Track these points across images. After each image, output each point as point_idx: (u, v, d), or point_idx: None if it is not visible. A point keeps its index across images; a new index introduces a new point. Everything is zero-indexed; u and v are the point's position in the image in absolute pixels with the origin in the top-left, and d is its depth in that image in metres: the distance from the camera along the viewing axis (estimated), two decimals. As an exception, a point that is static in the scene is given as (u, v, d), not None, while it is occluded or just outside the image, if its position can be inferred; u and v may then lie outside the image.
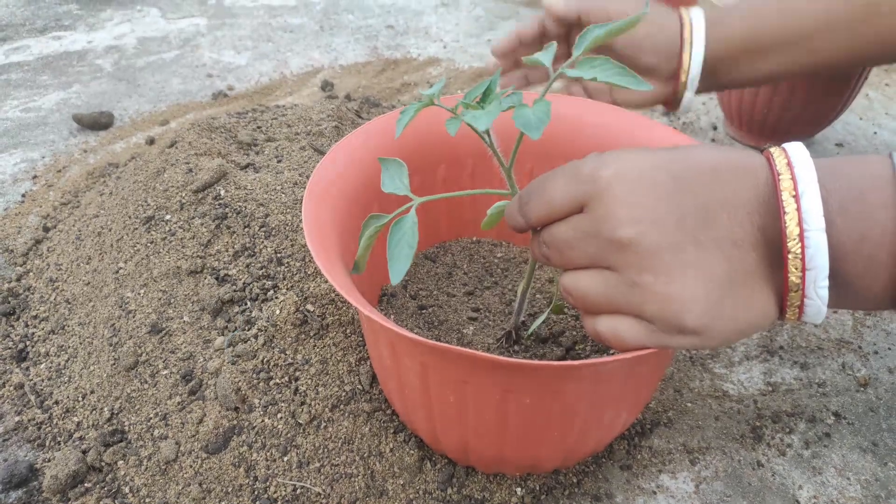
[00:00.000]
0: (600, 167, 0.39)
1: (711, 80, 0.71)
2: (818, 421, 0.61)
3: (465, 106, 0.44)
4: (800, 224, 0.36)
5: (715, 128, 1.09)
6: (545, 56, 0.46)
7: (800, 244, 0.36)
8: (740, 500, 0.55)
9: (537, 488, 0.55)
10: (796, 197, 0.36)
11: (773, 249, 0.38)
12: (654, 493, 0.55)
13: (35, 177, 0.97)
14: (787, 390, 0.64)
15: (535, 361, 0.40)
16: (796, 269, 0.37)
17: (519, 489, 0.54)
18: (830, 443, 0.59)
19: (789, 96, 0.92)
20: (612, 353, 0.50)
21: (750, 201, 0.38)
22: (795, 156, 0.38)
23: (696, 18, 0.68)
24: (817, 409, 0.62)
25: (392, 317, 0.58)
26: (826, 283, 0.36)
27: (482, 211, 0.69)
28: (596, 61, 0.43)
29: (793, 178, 0.37)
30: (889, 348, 0.69)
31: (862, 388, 0.64)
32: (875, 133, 1.07)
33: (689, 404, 0.62)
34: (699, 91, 0.72)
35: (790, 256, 0.36)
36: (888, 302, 0.38)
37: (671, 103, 0.74)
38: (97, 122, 1.10)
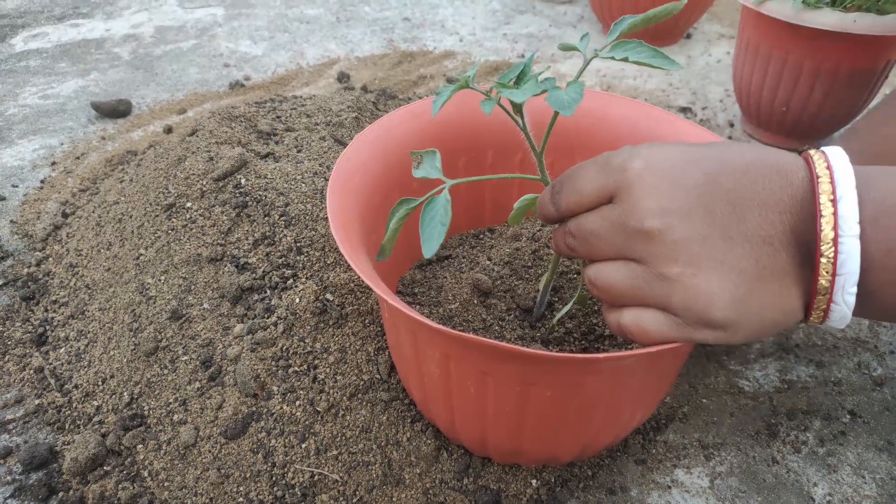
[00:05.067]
0: (631, 158, 0.39)
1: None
2: (833, 419, 0.61)
3: (500, 86, 0.44)
4: (835, 228, 0.36)
5: (732, 125, 1.09)
6: (582, 43, 0.47)
7: (833, 248, 0.36)
8: (755, 496, 0.55)
9: (552, 480, 0.55)
10: (834, 201, 0.36)
11: (803, 251, 0.38)
12: (669, 487, 0.56)
13: (54, 163, 0.98)
14: (803, 388, 0.64)
15: (557, 353, 0.40)
16: (827, 272, 0.37)
17: (534, 481, 0.55)
18: (846, 441, 0.59)
19: (808, 95, 0.92)
20: (633, 347, 0.50)
21: (783, 201, 0.38)
22: (836, 160, 0.37)
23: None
24: (833, 407, 0.62)
25: (417, 308, 0.59)
26: (854, 289, 0.36)
27: (501, 203, 0.69)
28: (629, 44, 0.44)
29: (832, 182, 0.36)
30: (906, 348, 0.69)
31: (878, 388, 0.64)
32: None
33: (704, 400, 0.63)
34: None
35: (823, 260, 0.36)
36: None
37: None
38: (115, 110, 1.10)
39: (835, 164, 0.37)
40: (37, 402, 0.62)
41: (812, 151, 0.39)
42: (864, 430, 0.60)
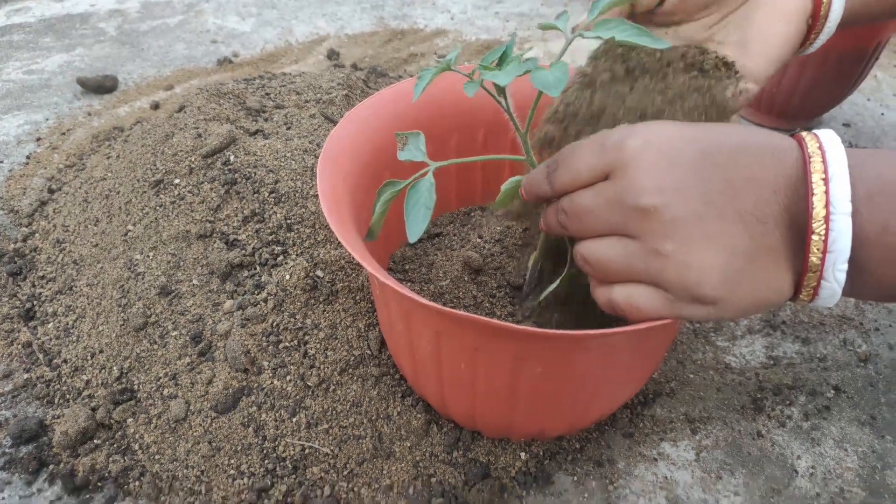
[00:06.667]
0: (628, 136, 0.40)
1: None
2: (818, 394, 0.62)
3: (482, 69, 0.44)
4: (826, 206, 0.36)
5: (721, 105, 1.09)
6: (561, 21, 0.46)
7: (824, 226, 0.37)
8: (740, 469, 0.56)
9: (541, 453, 0.56)
10: (825, 180, 0.37)
11: (796, 230, 0.38)
12: (656, 459, 0.56)
13: (39, 139, 0.97)
14: (789, 364, 0.65)
15: (548, 330, 0.40)
16: (818, 249, 0.37)
17: (523, 454, 0.55)
18: (829, 415, 0.60)
19: (798, 76, 0.92)
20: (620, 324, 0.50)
21: (777, 180, 0.38)
22: (827, 141, 0.38)
23: None
24: (817, 382, 0.63)
25: (408, 285, 0.59)
26: (845, 266, 0.37)
27: (493, 181, 0.69)
28: (611, 23, 0.43)
29: (824, 162, 0.37)
30: (890, 325, 0.69)
31: (862, 364, 0.65)
32: (882, 114, 1.07)
33: (691, 375, 0.63)
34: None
35: (814, 237, 0.37)
36: None
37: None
38: (101, 86, 1.09)
39: (826, 144, 0.38)
40: (25, 376, 0.62)
41: (804, 133, 0.40)
42: (847, 405, 0.61)
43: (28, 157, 0.93)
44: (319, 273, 0.61)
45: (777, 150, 0.39)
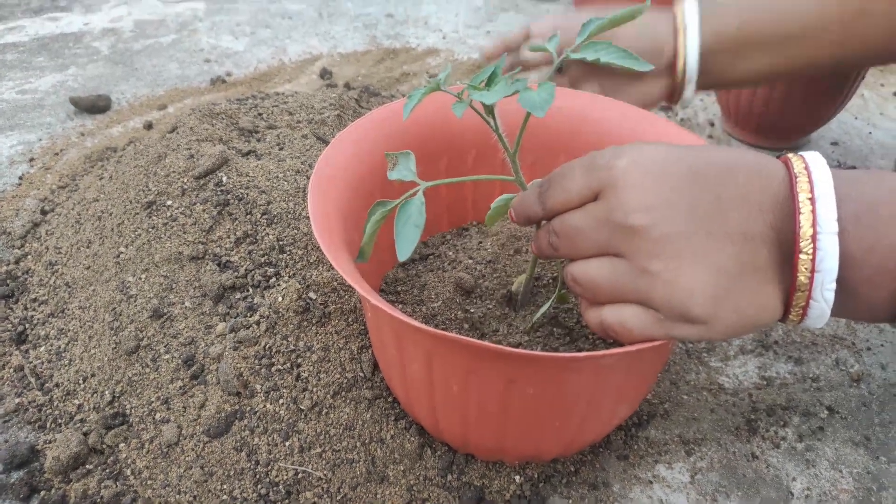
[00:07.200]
0: (616, 157, 0.40)
1: (707, 77, 0.71)
2: (812, 415, 0.62)
3: (471, 89, 0.44)
4: (814, 226, 0.37)
5: (712, 124, 1.10)
6: (550, 43, 0.47)
7: (812, 245, 0.37)
8: (735, 491, 0.56)
9: (535, 476, 0.55)
10: (812, 200, 0.37)
11: (784, 249, 0.38)
12: (651, 482, 0.56)
13: (32, 159, 0.97)
14: (782, 384, 0.65)
15: (539, 353, 0.40)
16: (806, 269, 0.37)
17: (518, 477, 0.55)
18: (824, 436, 0.60)
19: (787, 95, 0.93)
20: (613, 346, 0.50)
21: (763, 200, 0.38)
22: (813, 162, 0.39)
23: (689, 9, 0.68)
24: (811, 403, 0.63)
25: (397, 308, 0.59)
26: (833, 286, 0.37)
27: (483, 203, 0.69)
28: (599, 45, 0.44)
29: (810, 182, 0.38)
30: (882, 345, 0.70)
31: (855, 384, 0.65)
32: (870, 133, 1.08)
33: (685, 396, 0.63)
34: (698, 89, 0.72)
35: (801, 257, 0.37)
36: (889, 314, 0.39)
37: (672, 98, 0.74)
38: (94, 106, 1.09)
39: (812, 165, 0.39)
40: (17, 400, 0.62)
41: (790, 154, 0.40)
42: (841, 425, 0.61)
43: (21, 178, 0.92)
44: (312, 295, 0.61)
45: (763, 169, 0.40)
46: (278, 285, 0.61)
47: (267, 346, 0.58)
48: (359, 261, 0.50)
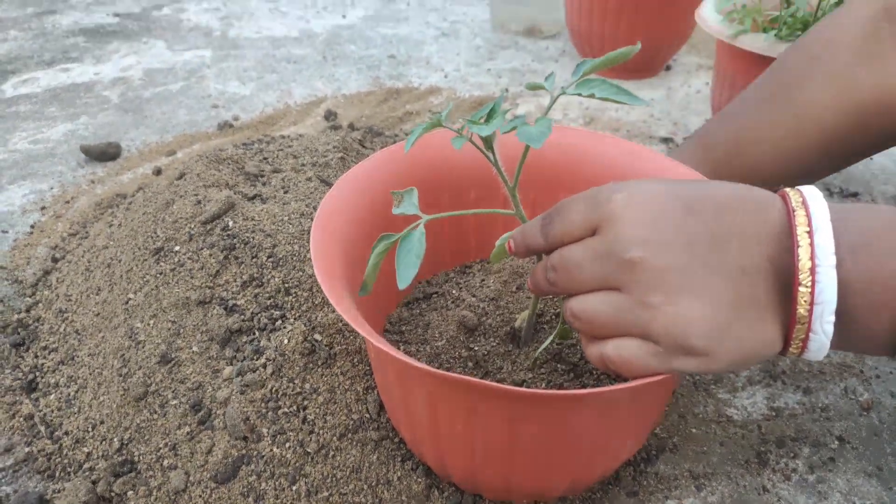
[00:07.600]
0: (616, 192, 0.41)
1: None
2: (822, 445, 0.62)
3: (470, 123, 0.45)
4: (812, 258, 0.37)
5: (714, 154, 1.11)
6: (548, 82, 0.48)
7: (811, 278, 0.37)
8: (746, 526, 0.55)
9: (544, 515, 0.55)
10: (810, 233, 0.38)
11: (782, 282, 0.39)
12: (661, 519, 0.56)
13: (43, 208, 0.99)
14: (791, 415, 0.65)
15: (542, 391, 0.40)
16: (805, 301, 0.38)
17: (526, 516, 0.55)
18: (835, 467, 0.60)
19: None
20: (617, 381, 0.50)
21: (761, 233, 0.39)
22: (810, 196, 0.39)
23: None
24: (821, 433, 0.63)
25: (402, 347, 0.59)
26: (832, 318, 0.38)
27: (486, 241, 0.70)
28: (593, 82, 0.46)
29: (807, 215, 0.38)
30: (891, 372, 0.69)
31: (865, 413, 0.65)
32: (871, 159, 1.09)
33: (693, 430, 0.63)
34: None
35: (801, 289, 0.37)
36: (889, 345, 0.39)
37: None
38: (105, 153, 1.11)
39: (810, 199, 0.39)
40: (27, 449, 0.62)
41: (787, 189, 0.41)
42: (852, 455, 0.61)
43: (32, 227, 0.94)
44: (317, 336, 0.61)
45: (761, 203, 0.40)
46: (284, 328, 0.62)
47: (273, 389, 0.58)
48: (362, 293, 0.51)
